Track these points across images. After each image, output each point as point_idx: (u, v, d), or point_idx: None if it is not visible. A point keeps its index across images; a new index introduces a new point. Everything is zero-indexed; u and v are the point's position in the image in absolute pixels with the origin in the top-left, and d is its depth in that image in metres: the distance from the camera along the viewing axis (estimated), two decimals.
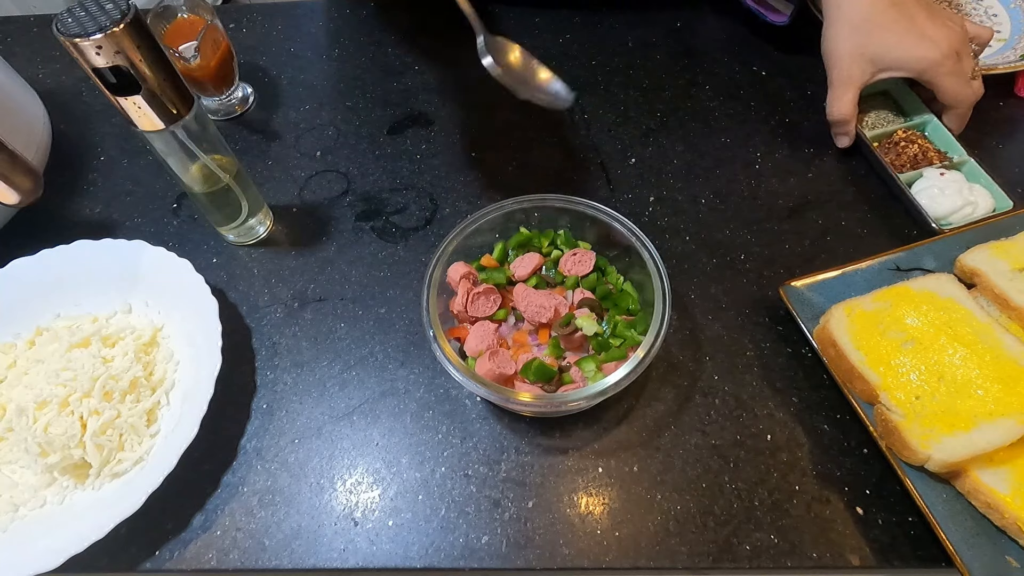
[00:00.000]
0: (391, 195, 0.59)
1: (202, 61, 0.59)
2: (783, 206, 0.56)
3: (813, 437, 0.44)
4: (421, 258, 0.55)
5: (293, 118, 0.65)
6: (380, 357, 0.49)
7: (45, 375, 0.46)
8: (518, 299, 0.46)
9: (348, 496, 0.44)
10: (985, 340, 0.42)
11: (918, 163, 0.56)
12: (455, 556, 0.41)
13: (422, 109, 0.65)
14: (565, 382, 0.43)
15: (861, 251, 0.50)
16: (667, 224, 0.56)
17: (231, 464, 0.45)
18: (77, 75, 0.70)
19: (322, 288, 0.53)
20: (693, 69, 0.67)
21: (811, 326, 0.46)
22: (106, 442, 0.44)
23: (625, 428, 0.45)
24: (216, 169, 0.48)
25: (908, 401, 0.41)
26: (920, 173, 0.54)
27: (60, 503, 0.43)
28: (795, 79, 0.65)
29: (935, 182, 0.53)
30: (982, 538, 0.38)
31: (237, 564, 0.41)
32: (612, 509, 0.42)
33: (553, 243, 0.49)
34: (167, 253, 0.51)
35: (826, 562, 0.40)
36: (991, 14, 0.69)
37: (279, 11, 0.76)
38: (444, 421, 0.46)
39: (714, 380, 0.47)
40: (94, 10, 0.36)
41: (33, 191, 0.44)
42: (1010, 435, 0.39)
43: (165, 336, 0.50)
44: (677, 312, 0.50)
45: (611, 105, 0.65)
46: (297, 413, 0.47)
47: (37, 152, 0.60)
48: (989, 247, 0.47)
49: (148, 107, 0.40)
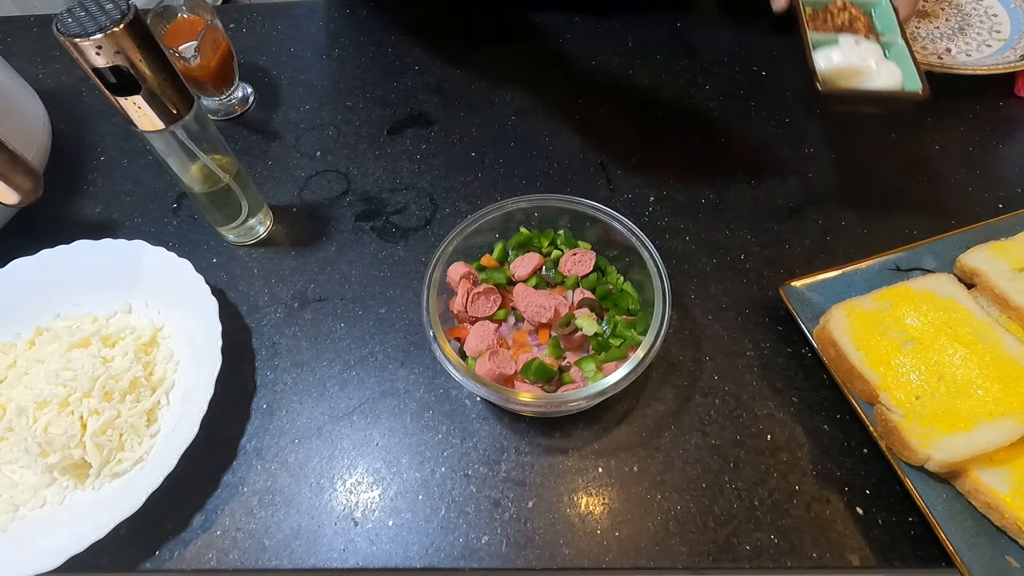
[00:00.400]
0: (391, 195, 0.59)
1: (202, 61, 0.59)
2: (783, 206, 0.56)
3: (813, 437, 0.44)
4: (421, 258, 0.55)
5: (293, 118, 0.65)
6: (380, 357, 0.49)
7: (45, 375, 0.46)
8: (518, 299, 0.46)
9: (348, 496, 0.44)
10: (985, 340, 0.42)
11: (841, 30, 0.52)
12: (455, 556, 0.41)
13: (422, 109, 0.65)
14: (565, 382, 0.43)
15: (861, 251, 0.50)
16: (667, 224, 0.56)
17: (231, 464, 0.45)
18: (77, 75, 0.70)
19: (322, 288, 0.53)
20: (693, 69, 0.67)
21: (811, 326, 0.46)
22: (106, 442, 0.44)
23: (625, 428, 0.45)
24: (216, 169, 0.48)
25: (908, 401, 0.41)
26: (835, 37, 0.50)
27: (60, 503, 0.43)
28: (795, 79, 0.65)
29: (843, 45, 0.49)
30: (982, 538, 0.38)
31: (237, 564, 0.41)
32: (612, 509, 0.42)
33: (553, 243, 0.49)
34: (167, 253, 0.51)
35: (826, 562, 0.40)
36: (991, 14, 0.69)
37: (279, 11, 0.76)
38: (444, 421, 0.46)
39: (714, 380, 0.47)
40: (94, 10, 0.36)
41: (33, 191, 0.44)
42: (1010, 435, 0.39)
43: (165, 336, 0.50)
44: (677, 312, 0.50)
45: (611, 105, 0.65)
46: (297, 413, 0.47)
47: (37, 152, 0.60)
48: (989, 247, 0.47)
49: (148, 107, 0.40)
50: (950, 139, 0.60)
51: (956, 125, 0.61)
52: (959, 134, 0.60)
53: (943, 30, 0.68)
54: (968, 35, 0.67)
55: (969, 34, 0.67)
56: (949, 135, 0.60)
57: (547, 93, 0.66)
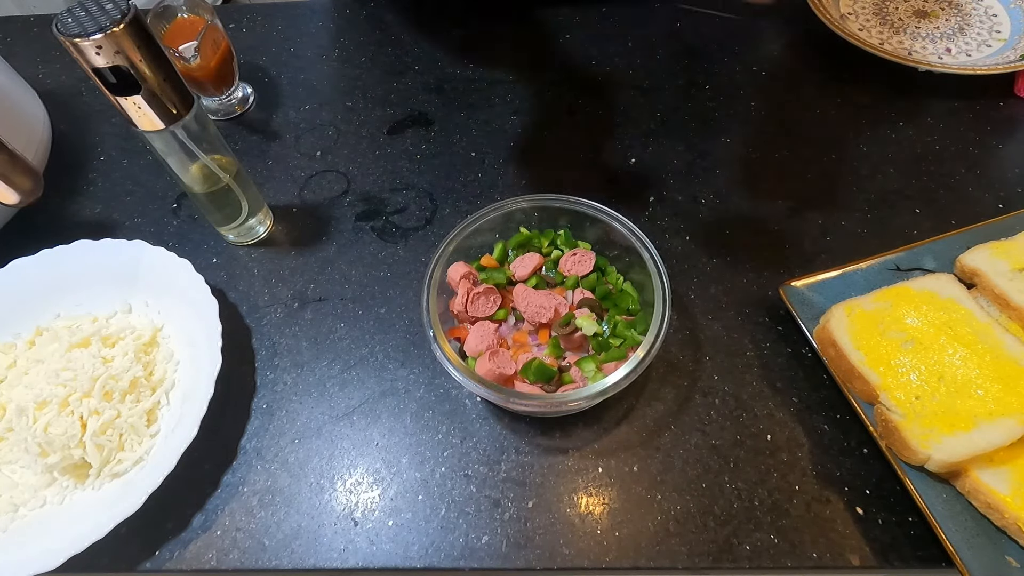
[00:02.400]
0: (391, 195, 0.59)
1: (202, 61, 0.59)
2: (783, 206, 0.56)
3: (813, 437, 0.44)
4: (421, 258, 0.55)
5: (293, 118, 0.65)
6: (380, 357, 0.49)
7: (45, 375, 0.46)
8: (518, 299, 0.46)
9: (348, 496, 0.44)
10: (985, 340, 0.42)
11: None
12: (455, 556, 0.41)
13: (422, 109, 0.65)
14: (565, 382, 0.43)
15: (861, 251, 0.50)
16: (667, 224, 0.56)
17: (231, 464, 0.45)
18: (77, 75, 0.70)
19: (322, 288, 0.53)
20: (693, 69, 0.67)
21: (811, 326, 0.46)
22: (106, 442, 0.44)
23: (625, 428, 0.45)
24: (216, 169, 0.48)
25: (908, 401, 0.41)
26: None
27: (60, 503, 0.43)
28: (795, 79, 0.66)
29: None
30: (982, 538, 0.38)
31: (237, 564, 0.41)
32: (612, 509, 0.42)
33: (553, 243, 0.49)
34: (167, 253, 0.51)
35: (826, 562, 0.40)
36: (991, 14, 0.69)
37: (279, 11, 0.76)
38: (444, 421, 0.46)
39: (714, 380, 0.47)
40: (94, 10, 0.36)
41: (33, 191, 0.44)
42: (1010, 435, 0.39)
43: (165, 336, 0.50)
44: (677, 312, 0.50)
45: (611, 105, 0.65)
46: (297, 413, 0.47)
47: (37, 152, 0.60)
48: (989, 247, 0.47)
49: (148, 107, 0.40)
50: (950, 139, 0.60)
51: (956, 125, 0.61)
52: (959, 134, 0.60)
53: (943, 30, 0.68)
54: (968, 35, 0.67)
55: (969, 34, 0.68)
56: (949, 135, 0.60)
57: (547, 93, 0.66)
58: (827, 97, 0.64)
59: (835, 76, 0.65)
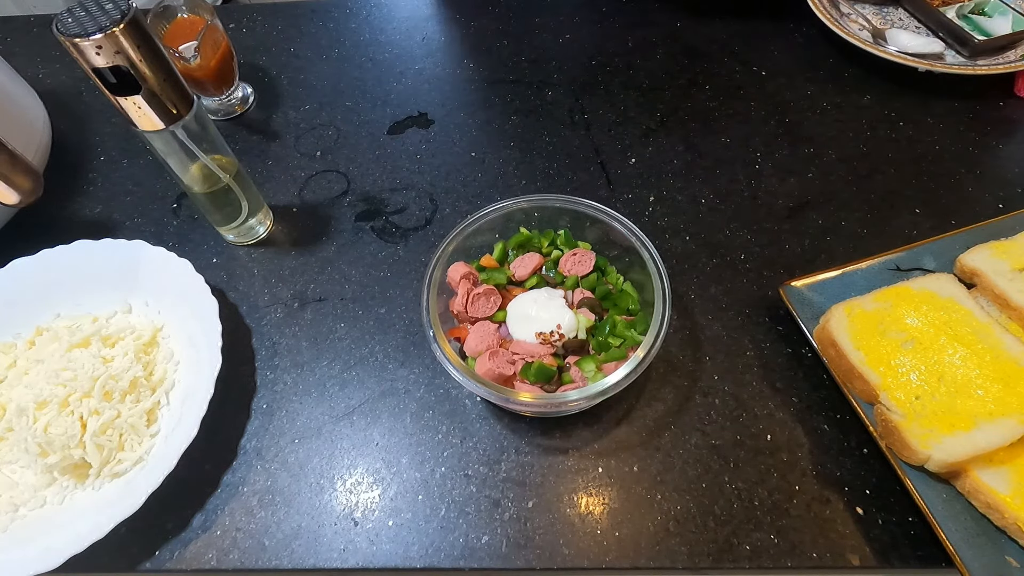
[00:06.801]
0: (391, 195, 0.59)
1: (202, 61, 0.59)
2: (783, 206, 0.56)
3: (813, 437, 0.44)
4: (421, 258, 0.55)
5: (293, 118, 0.65)
6: (380, 357, 0.49)
7: (45, 375, 0.46)
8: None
9: (348, 496, 0.44)
10: (985, 340, 0.42)
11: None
12: (455, 556, 0.41)
13: (422, 109, 0.65)
14: (565, 382, 0.43)
15: (861, 251, 0.50)
16: (667, 224, 0.56)
17: (231, 464, 0.45)
18: (77, 75, 0.70)
19: (322, 288, 0.53)
20: (693, 69, 0.67)
21: (811, 326, 0.46)
22: (106, 442, 0.44)
23: (625, 428, 0.45)
24: (216, 169, 0.48)
25: (908, 401, 0.41)
26: None
27: (60, 503, 0.43)
28: (795, 79, 0.66)
29: None
30: (982, 538, 0.38)
31: (237, 564, 0.41)
32: (612, 509, 0.42)
33: (553, 243, 0.49)
34: (167, 253, 0.51)
35: (826, 562, 0.40)
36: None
37: (279, 11, 0.76)
38: (444, 421, 0.46)
39: (714, 380, 0.47)
40: (94, 10, 0.36)
41: (33, 191, 0.44)
42: (1010, 435, 0.39)
43: (165, 336, 0.50)
44: (677, 312, 0.50)
45: (611, 105, 0.65)
46: (297, 413, 0.47)
47: (37, 152, 0.60)
48: (989, 247, 0.47)
49: (148, 107, 0.40)
50: (950, 139, 0.60)
51: (956, 125, 0.61)
52: (959, 134, 0.60)
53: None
54: None
55: None
56: (949, 135, 0.60)
57: (547, 93, 0.66)
58: (827, 97, 0.64)
59: (835, 76, 0.65)
